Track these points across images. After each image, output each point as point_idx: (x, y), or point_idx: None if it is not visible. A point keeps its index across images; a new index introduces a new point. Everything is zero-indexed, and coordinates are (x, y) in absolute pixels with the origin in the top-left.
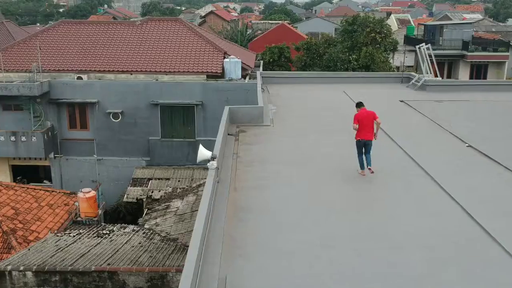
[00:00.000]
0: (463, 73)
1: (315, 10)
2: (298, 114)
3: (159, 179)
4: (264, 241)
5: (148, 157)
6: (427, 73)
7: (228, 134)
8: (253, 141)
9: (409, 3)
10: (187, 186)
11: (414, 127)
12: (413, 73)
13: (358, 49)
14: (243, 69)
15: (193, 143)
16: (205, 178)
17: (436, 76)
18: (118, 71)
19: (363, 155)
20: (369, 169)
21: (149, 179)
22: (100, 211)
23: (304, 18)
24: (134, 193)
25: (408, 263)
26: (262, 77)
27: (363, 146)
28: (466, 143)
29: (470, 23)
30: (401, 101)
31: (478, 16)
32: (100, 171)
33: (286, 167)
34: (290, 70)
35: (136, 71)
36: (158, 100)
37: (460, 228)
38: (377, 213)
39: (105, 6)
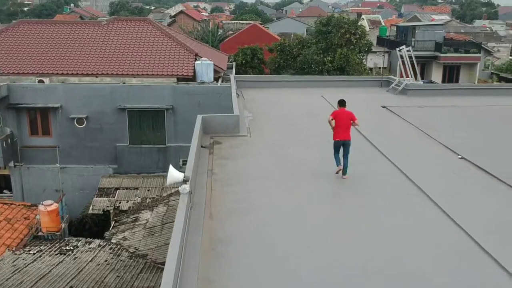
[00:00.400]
0: (436, 75)
1: (286, 11)
2: (276, 121)
3: (127, 188)
4: (248, 284)
5: (115, 165)
6: (408, 77)
7: (202, 147)
8: (230, 155)
9: (378, 4)
10: (157, 195)
11: (401, 136)
12: (392, 76)
13: (333, 51)
14: (215, 71)
15: (163, 149)
16: (176, 187)
17: (416, 79)
18: (82, 74)
19: (340, 155)
20: (343, 175)
21: (117, 188)
22: (63, 225)
23: (275, 19)
24: (100, 204)
25: None
26: (236, 81)
27: (341, 147)
28: (458, 154)
29: (442, 24)
30: (383, 106)
31: (446, 17)
32: (64, 180)
33: (267, 185)
34: (263, 72)
35: (102, 73)
36: (126, 104)
37: (462, 255)
38: (374, 240)
39: (72, 5)
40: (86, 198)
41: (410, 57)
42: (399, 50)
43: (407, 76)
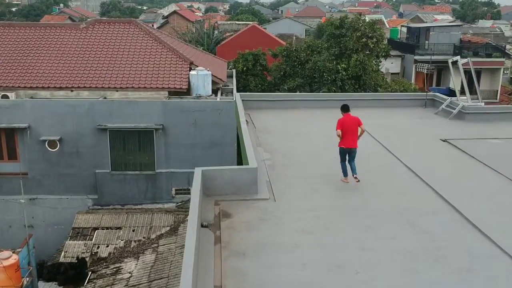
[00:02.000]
0: (455, 81)
1: (281, 11)
2: (308, 167)
3: (107, 228)
4: None
5: (95, 195)
6: (466, 95)
7: (202, 226)
8: (248, 244)
9: (375, 4)
10: (144, 237)
11: (495, 197)
12: (439, 94)
13: (347, 57)
14: (213, 82)
15: (152, 176)
16: (168, 226)
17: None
18: (55, 87)
19: (347, 162)
20: (355, 177)
21: (95, 228)
22: (25, 281)
23: (272, 19)
24: (74, 249)
25: None
26: (242, 100)
27: (347, 154)
28: None
29: (458, 25)
30: (444, 140)
31: (448, 17)
32: (34, 213)
33: None
34: (266, 80)
35: (79, 87)
36: (107, 123)
37: None
38: None
39: (61, 5)
40: (61, 235)
41: (467, 65)
42: (453, 62)
43: (464, 95)
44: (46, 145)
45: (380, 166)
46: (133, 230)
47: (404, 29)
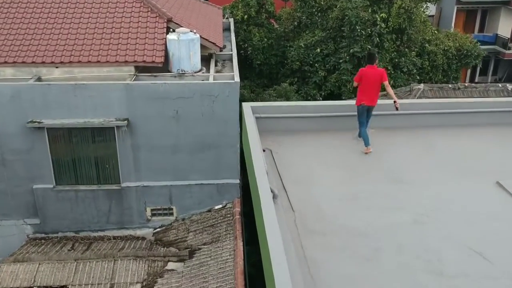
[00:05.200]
0: (504, 27)
1: None
2: None
3: None
4: None
5: (36, 219)
6: None
7: None
8: None
9: None
10: None
11: None
12: None
13: (387, 3)
14: (204, 47)
15: (116, 192)
16: (138, 283)
17: None
18: None
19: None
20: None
21: None
22: None
23: None
24: None
25: None
26: (256, 117)
27: (366, 113)
28: None
29: None
30: None
31: None
32: None
33: None
34: (274, 31)
35: None
36: (43, 119)
37: None
38: None
39: None
40: None
41: None
42: None
43: None
44: None
45: None
46: None
47: None
